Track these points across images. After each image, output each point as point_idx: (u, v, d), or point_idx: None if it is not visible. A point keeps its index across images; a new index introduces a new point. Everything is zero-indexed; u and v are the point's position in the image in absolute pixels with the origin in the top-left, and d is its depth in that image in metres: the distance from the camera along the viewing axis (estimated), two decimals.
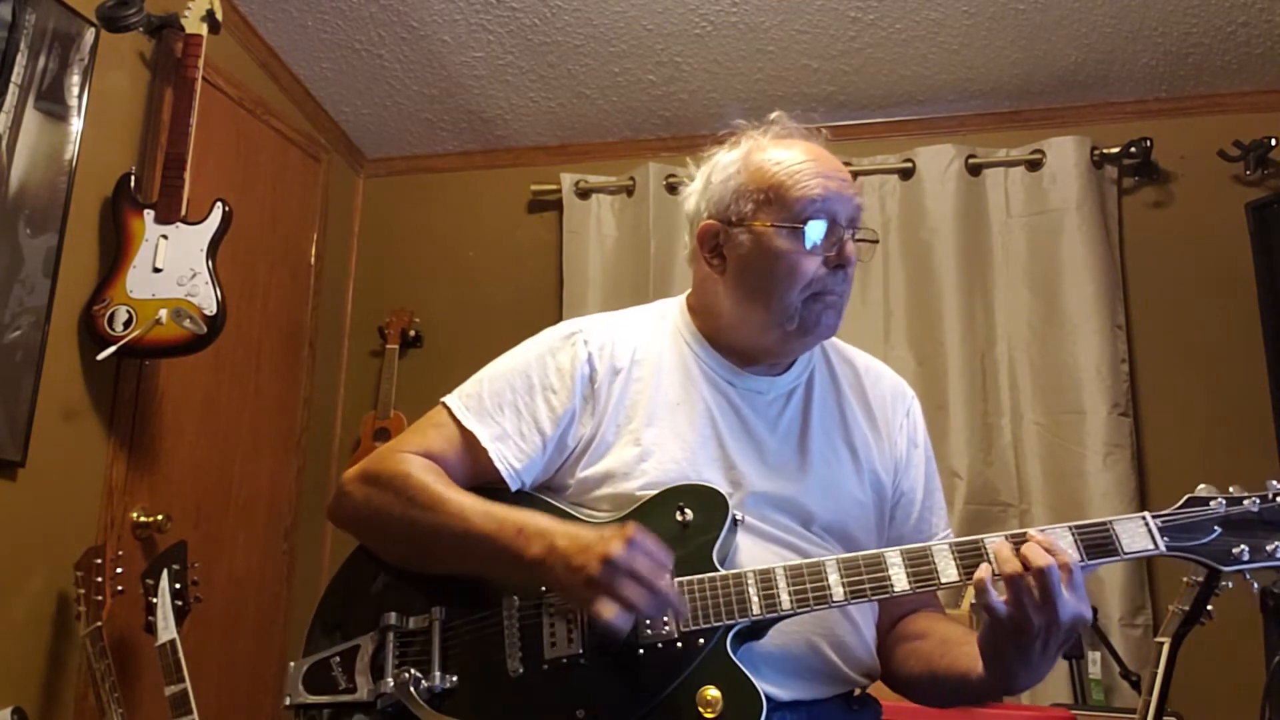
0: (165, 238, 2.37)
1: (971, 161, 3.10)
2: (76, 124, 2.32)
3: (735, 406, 1.37)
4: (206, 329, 2.35)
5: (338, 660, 1.29)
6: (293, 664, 1.31)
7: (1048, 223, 3.00)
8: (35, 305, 2.20)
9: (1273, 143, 2.83)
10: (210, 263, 2.40)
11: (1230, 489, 1.17)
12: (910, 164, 3.14)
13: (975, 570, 1.13)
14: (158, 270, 2.35)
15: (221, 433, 2.81)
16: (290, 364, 3.15)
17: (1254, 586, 1.17)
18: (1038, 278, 2.98)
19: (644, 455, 1.31)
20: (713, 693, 1.13)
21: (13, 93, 2.15)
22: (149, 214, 2.39)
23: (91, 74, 2.35)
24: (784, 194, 1.32)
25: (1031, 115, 3.16)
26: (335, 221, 3.42)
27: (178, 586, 2.08)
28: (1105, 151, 3.02)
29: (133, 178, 2.42)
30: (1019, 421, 2.92)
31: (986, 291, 3.02)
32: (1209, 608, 1.45)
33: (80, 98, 2.33)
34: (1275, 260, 2.63)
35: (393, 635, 1.26)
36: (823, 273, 1.32)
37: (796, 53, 2.98)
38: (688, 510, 1.24)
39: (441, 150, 3.55)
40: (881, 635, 1.40)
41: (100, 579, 2.08)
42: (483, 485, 1.34)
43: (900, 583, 1.17)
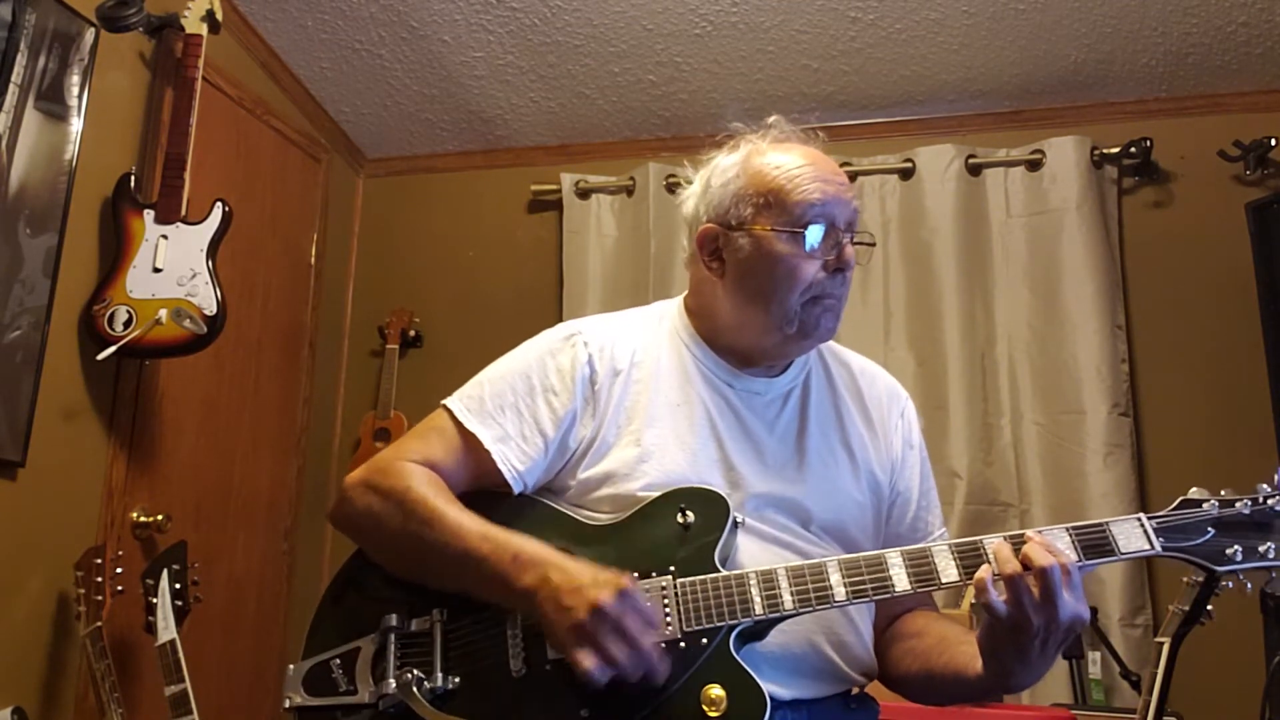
0: (165, 238, 2.37)
1: (971, 161, 3.10)
2: (76, 124, 2.32)
3: (734, 407, 1.38)
4: (206, 329, 2.35)
5: (338, 662, 1.29)
6: (292, 666, 1.31)
7: (1048, 223, 3.00)
8: (35, 305, 2.20)
9: (1273, 143, 2.83)
10: (210, 263, 2.40)
11: (1222, 492, 1.19)
12: (910, 164, 3.13)
13: (975, 570, 1.14)
14: (158, 270, 2.35)
15: (221, 433, 2.81)
16: (290, 364, 3.15)
17: (1247, 587, 1.18)
18: (1038, 278, 2.98)
19: (644, 456, 1.31)
20: (717, 691, 1.13)
21: (13, 93, 2.14)
22: (149, 214, 2.39)
23: (91, 74, 2.35)
24: (784, 198, 1.33)
25: (1031, 115, 3.16)
26: (335, 222, 3.42)
27: (178, 586, 2.08)
28: (1105, 151, 3.02)
29: (133, 178, 2.42)
30: (1019, 421, 2.92)
31: (986, 291, 3.02)
32: (1209, 608, 1.45)
33: (80, 98, 2.33)
34: (1275, 260, 2.62)
35: (394, 637, 1.26)
36: (822, 276, 1.33)
37: (796, 53, 2.98)
38: (689, 512, 1.24)
39: (441, 150, 3.55)
40: (877, 634, 1.41)
41: (100, 579, 2.08)
42: (485, 488, 1.34)
43: (901, 583, 1.18)
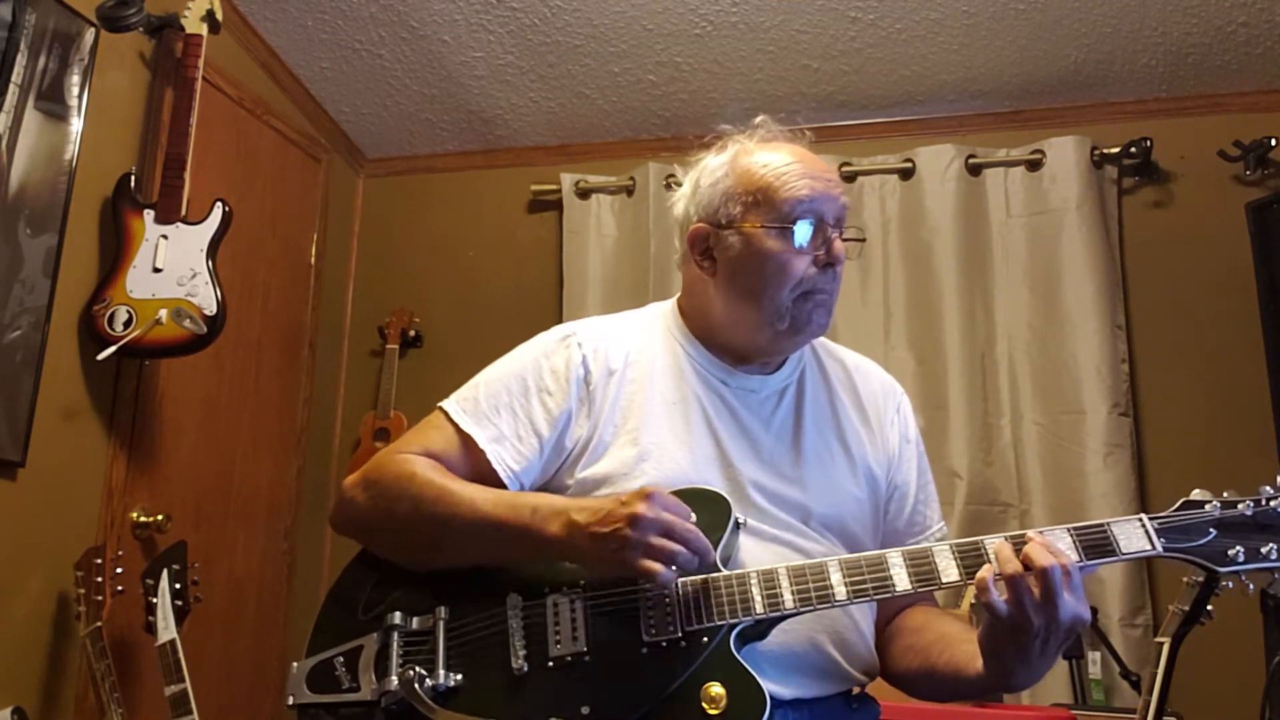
0: (165, 238, 2.37)
1: (971, 161, 3.10)
2: (76, 124, 2.32)
3: (729, 405, 1.39)
4: (206, 329, 2.35)
5: (341, 660, 1.29)
6: (295, 664, 1.31)
7: (1048, 223, 3.00)
8: (35, 305, 2.20)
9: (1273, 143, 2.83)
10: (210, 263, 2.40)
11: (1224, 493, 1.19)
12: (910, 164, 3.13)
13: (976, 570, 1.15)
14: (158, 270, 2.35)
15: (221, 433, 2.81)
16: (290, 364, 3.15)
17: (1249, 588, 1.18)
18: (1038, 278, 2.98)
19: (643, 455, 1.32)
20: (717, 689, 1.14)
21: (13, 93, 2.15)
22: (149, 214, 2.39)
23: (91, 74, 2.35)
24: (772, 195, 1.34)
25: (1031, 115, 3.16)
26: (335, 222, 3.42)
27: (178, 586, 2.08)
28: (1105, 151, 3.02)
29: (133, 178, 2.42)
30: (1019, 421, 2.92)
31: (986, 291, 3.02)
32: (1209, 608, 1.45)
33: (80, 98, 2.33)
34: (1275, 260, 2.62)
35: (397, 635, 1.26)
36: (812, 272, 1.34)
37: (796, 53, 2.98)
38: (691, 514, 1.24)
39: (441, 150, 3.55)
40: (878, 629, 1.42)
41: (100, 579, 2.08)
42: None
43: (902, 582, 1.18)
